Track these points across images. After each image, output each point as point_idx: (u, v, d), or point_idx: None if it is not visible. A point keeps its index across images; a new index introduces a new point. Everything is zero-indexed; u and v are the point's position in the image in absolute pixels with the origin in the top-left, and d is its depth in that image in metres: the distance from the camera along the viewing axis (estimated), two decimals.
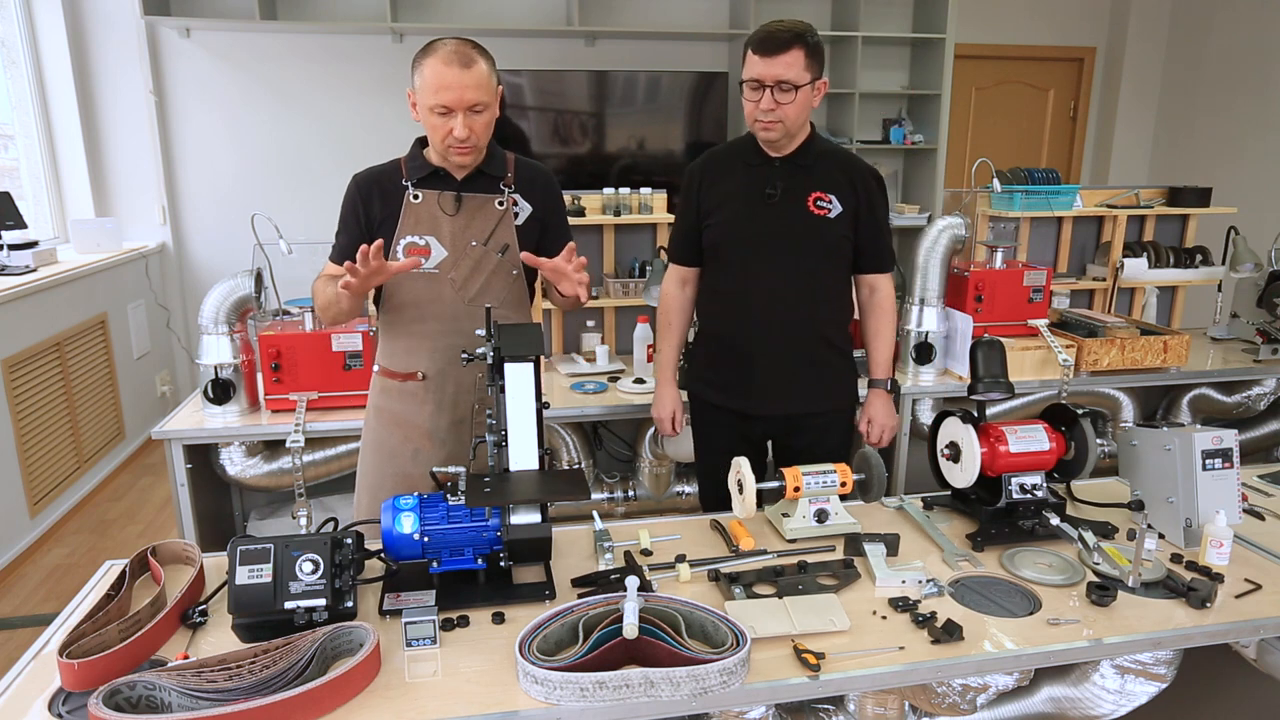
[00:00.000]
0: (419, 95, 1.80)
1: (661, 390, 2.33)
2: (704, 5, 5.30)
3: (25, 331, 3.63)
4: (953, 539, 1.78)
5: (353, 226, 1.93)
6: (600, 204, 3.37)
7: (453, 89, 1.75)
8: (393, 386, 2.00)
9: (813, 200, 2.10)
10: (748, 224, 2.12)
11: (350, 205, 1.94)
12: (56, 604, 3.18)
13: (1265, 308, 3.28)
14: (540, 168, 2.08)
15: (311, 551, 1.42)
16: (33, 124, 4.56)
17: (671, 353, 2.33)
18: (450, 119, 1.78)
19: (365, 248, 1.66)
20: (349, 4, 4.87)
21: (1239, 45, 5.48)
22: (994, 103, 6.06)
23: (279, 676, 1.27)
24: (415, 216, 1.91)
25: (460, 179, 1.93)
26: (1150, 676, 1.52)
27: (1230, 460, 1.75)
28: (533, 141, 5.08)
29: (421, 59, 1.78)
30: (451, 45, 1.77)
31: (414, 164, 1.93)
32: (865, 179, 2.14)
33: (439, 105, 1.76)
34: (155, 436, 2.55)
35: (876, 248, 2.19)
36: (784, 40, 1.96)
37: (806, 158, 2.12)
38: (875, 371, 2.28)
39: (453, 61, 1.74)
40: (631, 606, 1.34)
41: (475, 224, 1.93)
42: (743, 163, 2.16)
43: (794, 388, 2.16)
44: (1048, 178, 3.56)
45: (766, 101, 1.99)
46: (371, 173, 1.95)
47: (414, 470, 1.99)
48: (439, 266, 1.91)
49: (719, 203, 2.16)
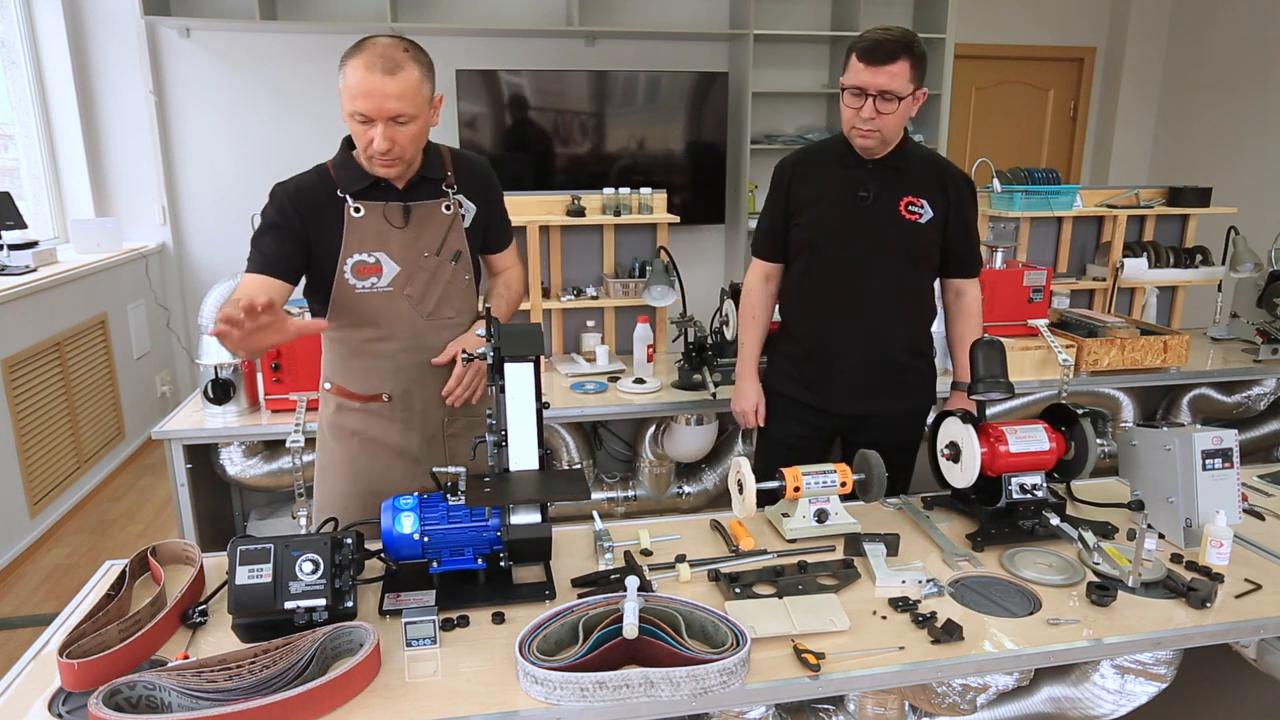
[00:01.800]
0: (342, 98, 1.63)
1: (744, 384, 2.34)
2: (704, 5, 5.30)
3: (25, 331, 3.63)
4: (953, 539, 1.78)
5: (283, 233, 1.70)
6: (600, 204, 3.37)
7: (372, 97, 1.58)
8: (352, 406, 1.88)
9: (904, 205, 2.09)
10: (839, 225, 2.12)
11: (279, 212, 1.71)
12: (56, 604, 3.18)
13: (1265, 308, 3.28)
14: (477, 160, 1.93)
15: (311, 551, 1.42)
16: (33, 124, 4.56)
17: (755, 346, 2.32)
18: (370, 128, 1.62)
19: (253, 302, 1.37)
20: (349, 4, 4.87)
21: (1239, 45, 5.48)
22: (994, 103, 6.06)
23: (279, 676, 1.27)
24: (360, 232, 1.74)
25: (402, 187, 1.77)
26: (1150, 676, 1.52)
27: (1230, 460, 1.75)
28: (533, 142, 5.08)
29: (346, 58, 1.61)
30: (379, 47, 1.59)
31: (348, 173, 1.74)
32: (958, 183, 2.13)
33: (357, 113, 1.60)
34: (155, 436, 2.55)
35: (965, 253, 2.19)
36: (892, 50, 1.92)
37: (900, 161, 2.10)
38: (959, 374, 2.28)
39: (375, 66, 1.57)
40: (631, 606, 1.34)
41: (426, 234, 1.80)
42: (836, 163, 2.14)
43: (873, 388, 2.18)
44: (1048, 178, 3.56)
45: (868, 110, 1.97)
46: (299, 185, 1.74)
47: (385, 488, 1.85)
48: (393, 283, 1.78)
49: (810, 201, 2.15)
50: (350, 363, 1.85)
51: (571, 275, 3.44)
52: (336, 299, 1.77)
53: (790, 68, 5.44)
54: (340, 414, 1.89)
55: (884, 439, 2.08)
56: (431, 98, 1.68)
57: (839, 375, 2.18)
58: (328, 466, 1.94)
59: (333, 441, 1.92)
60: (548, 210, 3.36)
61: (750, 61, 5.08)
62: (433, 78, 1.68)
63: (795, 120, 5.51)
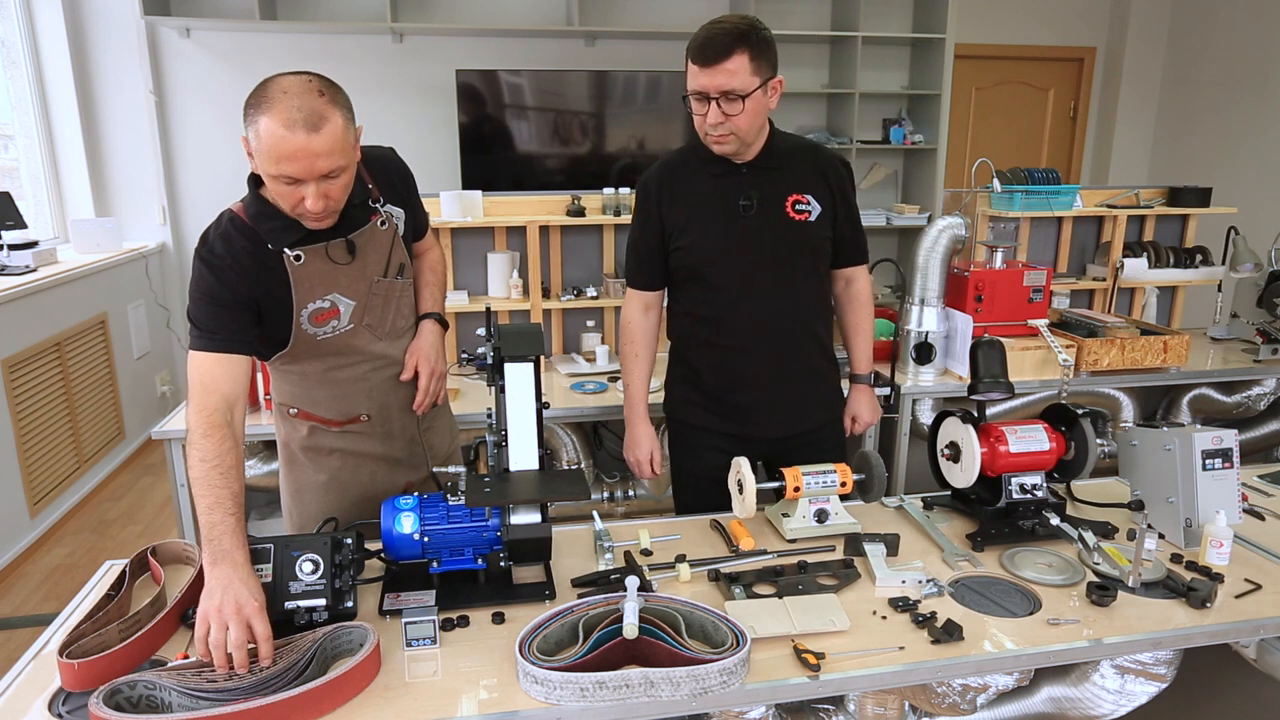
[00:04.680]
0: (257, 156, 1.44)
1: (636, 429, 2.10)
2: (704, 5, 5.30)
3: (25, 331, 3.63)
4: (953, 539, 1.78)
5: (235, 308, 1.54)
6: (600, 204, 3.37)
7: (298, 159, 1.41)
8: (327, 429, 1.80)
9: (790, 204, 1.94)
10: (724, 241, 1.94)
11: (224, 285, 1.53)
12: (56, 604, 3.18)
13: (1265, 308, 3.28)
14: (387, 157, 1.77)
15: (311, 551, 1.42)
16: (33, 124, 4.56)
17: (642, 386, 2.11)
18: (299, 187, 1.46)
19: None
20: (349, 4, 4.87)
21: (1239, 45, 5.48)
22: (994, 103, 6.06)
23: (279, 676, 1.27)
24: (309, 280, 1.60)
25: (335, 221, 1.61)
26: (1150, 676, 1.52)
27: (1230, 460, 1.75)
28: (533, 142, 5.08)
29: (256, 113, 1.41)
30: (294, 99, 1.39)
31: (273, 224, 1.56)
32: (836, 170, 1.99)
33: (282, 175, 1.44)
34: (155, 436, 2.55)
35: (854, 240, 2.07)
36: (724, 45, 1.74)
37: (772, 159, 1.94)
38: (858, 367, 2.17)
39: (296, 124, 1.39)
40: (631, 606, 1.34)
41: (370, 260, 1.68)
42: (706, 172, 1.94)
43: (795, 405, 2.06)
44: (1048, 178, 3.55)
45: (714, 115, 1.79)
46: (230, 248, 1.55)
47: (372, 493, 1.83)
48: (351, 319, 1.68)
49: (687, 220, 1.95)
50: (317, 392, 1.76)
51: (571, 275, 3.45)
52: (295, 346, 1.67)
53: (790, 68, 5.43)
54: (315, 435, 1.80)
55: (815, 456, 1.90)
56: (355, 139, 1.53)
57: (760, 400, 2.02)
58: (305, 488, 1.85)
59: (307, 463, 1.83)
60: (548, 210, 3.36)
61: None
62: (352, 113, 1.50)
63: (795, 120, 5.51)
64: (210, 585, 1.34)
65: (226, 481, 1.43)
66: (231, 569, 1.35)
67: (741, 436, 2.04)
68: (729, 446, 2.00)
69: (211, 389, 1.50)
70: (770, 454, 2.05)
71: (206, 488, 1.41)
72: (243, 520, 1.42)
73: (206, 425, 1.46)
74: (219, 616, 1.29)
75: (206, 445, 1.44)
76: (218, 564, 1.36)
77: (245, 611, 1.30)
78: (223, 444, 1.45)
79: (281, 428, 1.85)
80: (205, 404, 1.48)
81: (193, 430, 1.46)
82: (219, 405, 1.49)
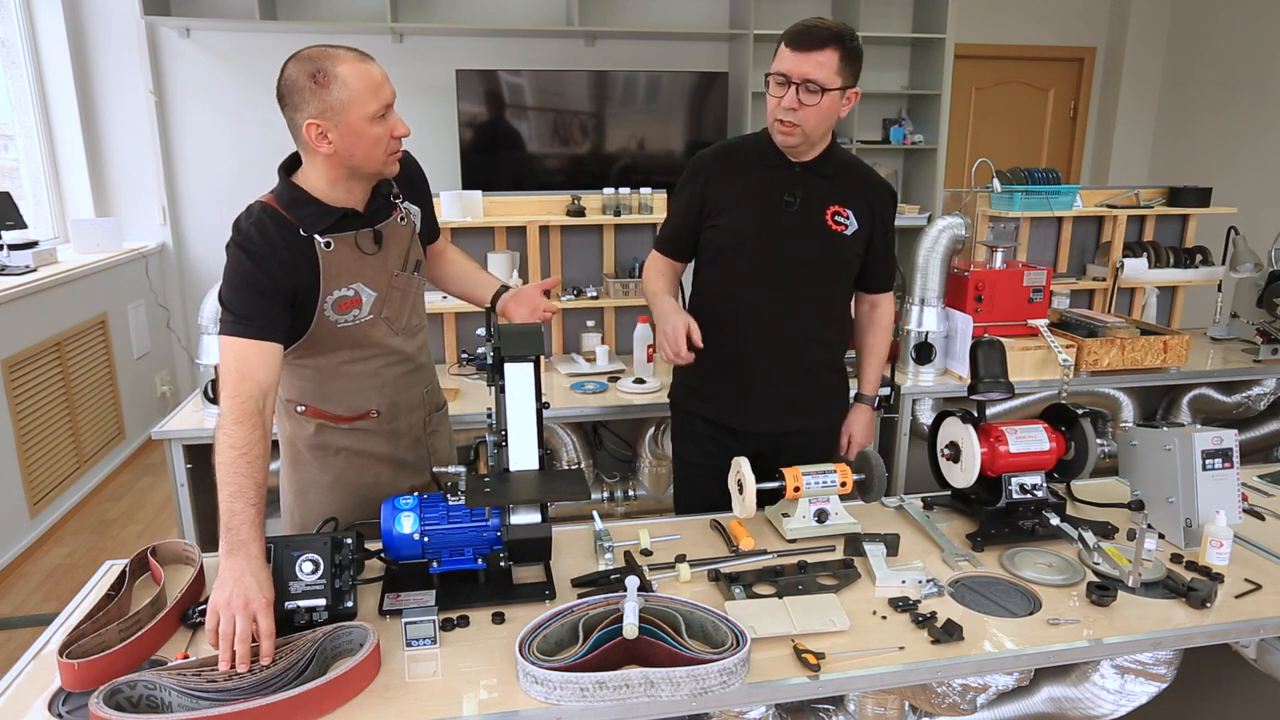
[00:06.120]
0: (347, 112, 1.52)
1: (666, 310, 1.97)
2: (704, 5, 5.30)
3: (25, 331, 3.63)
4: (953, 539, 1.78)
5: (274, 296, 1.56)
6: (600, 204, 3.37)
7: (386, 85, 1.57)
8: (335, 427, 1.80)
9: (830, 214, 1.99)
10: (760, 229, 1.99)
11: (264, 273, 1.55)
12: (56, 604, 3.18)
13: (1265, 308, 3.28)
14: (407, 159, 1.83)
15: (311, 551, 1.42)
16: (33, 124, 4.56)
17: (669, 296, 2.05)
18: (390, 118, 1.59)
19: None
20: (349, 4, 4.87)
21: (1239, 45, 5.48)
22: (994, 103, 6.06)
23: (279, 676, 1.27)
24: (337, 267, 1.64)
25: (363, 210, 1.67)
26: (1150, 676, 1.52)
27: (1230, 460, 1.75)
28: (533, 141, 5.09)
29: (328, 73, 1.50)
30: (343, 49, 1.55)
31: (308, 210, 1.60)
32: (883, 197, 2.05)
33: (382, 107, 1.55)
34: (155, 436, 2.55)
35: (885, 267, 2.13)
36: (820, 37, 1.83)
37: (826, 167, 2.00)
38: (865, 387, 2.22)
39: (367, 59, 1.56)
40: (631, 606, 1.34)
41: (392, 253, 1.73)
42: (760, 163, 2.01)
43: (791, 406, 2.08)
44: (1048, 178, 3.55)
45: (790, 99, 1.86)
46: (265, 236, 1.57)
47: (375, 495, 1.82)
48: (371, 310, 1.71)
49: (729, 202, 2.01)
50: (329, 386, 1.76)
51: (571, 275, 3.44)
52: (314, 334, 1.68)
53: None
54: (323, 434, 1.81)
55: (802, 459, 1.89)
56: None
57: (754, 392, 2.05)
58: (309, 487, 1.85)
59: (313, 461, 1.83)
60: (548, 210, 3.36)
61: (750, 61, 5.08)
62: None
63: None
64: (222, 576, 1.35)
65: (252, 471, 1.44)
66: (245, 561, 1.36)
67: (731, 428, 2.09)
68: (722, 437, 2.09)
69: (248, 375, 1.51)
70: (759, 449, 2.04)
71: (231, 474, 1.43)
72: (263, 512, 1.43)
73: (240, 412, 1.47)
74: (228, 609, 1.31)
75: (238, 432, 1.45)
76: (233, 554, 1.37)
77: (252, 606, 1.32)
78: (253, 432, 1.47)
79: (287, 426, 1.86)
80: (240, 390, 1.49)
81: (225, 415, 1.47)
82: (253, 393, 1.50)
